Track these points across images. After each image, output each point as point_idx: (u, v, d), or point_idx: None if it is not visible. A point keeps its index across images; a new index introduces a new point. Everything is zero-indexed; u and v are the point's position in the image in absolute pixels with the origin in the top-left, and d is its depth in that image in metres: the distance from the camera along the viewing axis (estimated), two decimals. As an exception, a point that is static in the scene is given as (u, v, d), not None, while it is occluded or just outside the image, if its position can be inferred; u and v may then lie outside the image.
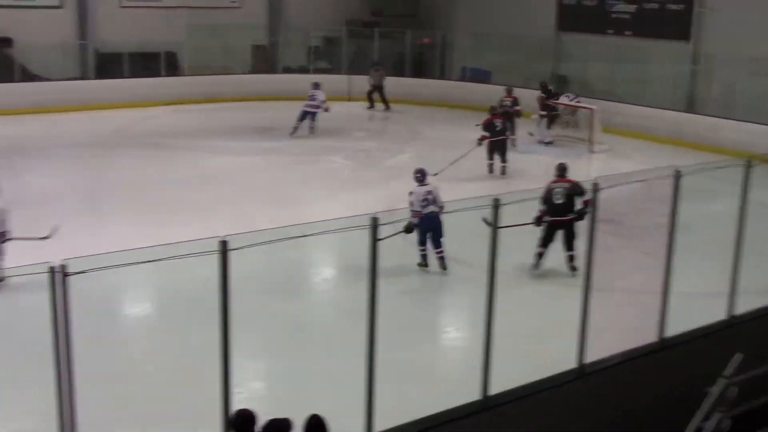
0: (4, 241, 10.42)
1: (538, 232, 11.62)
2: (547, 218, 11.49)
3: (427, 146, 20.28)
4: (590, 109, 20.51)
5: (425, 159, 18.00)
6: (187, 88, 25.07)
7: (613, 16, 24.98)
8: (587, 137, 20.42)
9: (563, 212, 11.47)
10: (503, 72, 26.69)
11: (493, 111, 17.74)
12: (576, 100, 21.87)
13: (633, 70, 23.79)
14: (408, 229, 11.17)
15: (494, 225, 6.40)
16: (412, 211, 11.41)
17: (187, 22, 26.37)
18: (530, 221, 11.42)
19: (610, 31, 24.97)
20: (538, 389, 6.93)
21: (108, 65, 24.77)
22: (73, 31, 25.38)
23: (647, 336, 7.88)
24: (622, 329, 8.81)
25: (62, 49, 24.59)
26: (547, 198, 11.57)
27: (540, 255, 11.69)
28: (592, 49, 24.89)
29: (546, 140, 20.61)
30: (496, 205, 6.39)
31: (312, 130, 21.04)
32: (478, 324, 6.62)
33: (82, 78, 24.86)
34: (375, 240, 5.86)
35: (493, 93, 25.33)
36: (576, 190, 11.44)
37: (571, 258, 11.47)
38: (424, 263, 11.53)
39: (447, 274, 11.43)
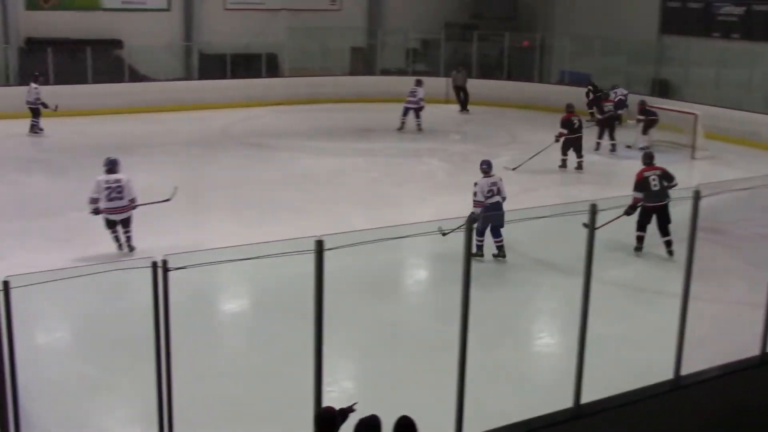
0: (133, 208, 11.77)
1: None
2: (643, 204, 11.94)
3: (523, 150, 20.08)
4: (693, 114, 19.96)
5: (520, 162, 17.92)
6: (287, 89, 25.51)
7: (720, 18, 24.26)
8: (689, 143, 19.90)
9: (660, 197, 11.91)
10: (603, 76, 26.24)
11: (569, 109, 17.70)
12: (623, 95, 21.54)
13: (739, 75, 23.07)
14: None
15: (592, 227, 6.31)
16: (476, 201, 11.66)
17: (287, 25, 26.86)
18: (623, 213, 11.64)
19: (716, 34, 24.26)
20: (632, 399, 6.79)
21: (211, 66, 25.44)
22: (179, 33, 26.19)
23: (749, 349, 7.63)
24: (722, 341, 8.57)
25: (168, 50, 25.38)
26: (643, 185, 11.98)
27: (641, 239, 12.17)
28: (696, 52, 24.22)
29: (640, 146, 20.15)
30: (594, 210, 6.30)
31: (418, 126, 21.41)
32: (572, 330, 6.54)
33: (186, 79, 25.61)
34: (468, 243, 5.85)
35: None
36: (668, 176, 12.16)
37: (668, 243, 11.85)
38: (479, 253, 11.46)
39: (539, 273, 11.32)
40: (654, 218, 11.97)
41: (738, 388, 7.43)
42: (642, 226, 12.13)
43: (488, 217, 11.43)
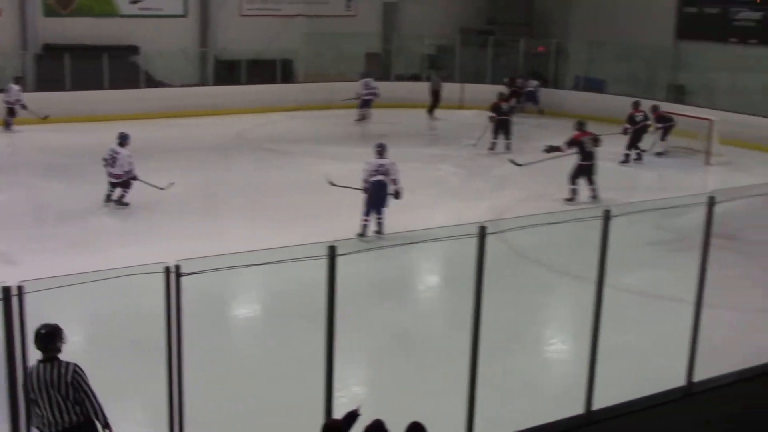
0: (133, 178, 14.09)
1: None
2: (578, 162, 15.43)
3: (536, 156, 20.06)
4: (708, 120, 19.88)
5: (532, 167, 17.85)
6: (302, 94, 25.57)
7: (737, 23, 24.15)
8: (704, 149, 19.81)
9: (592, 157, 15.44)
10: (618, 82, 26.18)
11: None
12: (534, 87, 25.03)
13: (756, 80, 22.94)
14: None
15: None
16: (363, 180, 12.91)
17: (303, 30, 26.95)
18: (544, 156, 16.16)
19: (734, 40, 24.15)
20: (644, 406, 6.78)
21: (226, 72, 25.55)
22: (194, 39, 26.31)
23: (763, 356, 7.60)
24: (736, 347, 8.54)
25: (184, 56, 25.52)
26: (578, 145, 15.41)
27: (574, 191, 15.43)
28: (712, 58, 24.11)
29: (657, 151, 20.10)
30: (607, 216, 6.30)
31: (363, 116, 23.49)
32: (584, 337, 6.53)
33: (202, 84, 25.73)
34: (482, 250, 5.86)
35: (607, 102, 24.97)
36: (597, 140, 15.52)
37: (593, 189, 15.43)
38: (362, 233, 12.61)
39: (552, 280, 11.29)
40: (585, 175, 15.23)
41: (752, 394, 7.40)
42: (574, 180, 15.38)
43: (371, 195, 12.73)
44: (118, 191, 14.19)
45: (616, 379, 7.25)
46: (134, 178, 14.16)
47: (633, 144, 19.50)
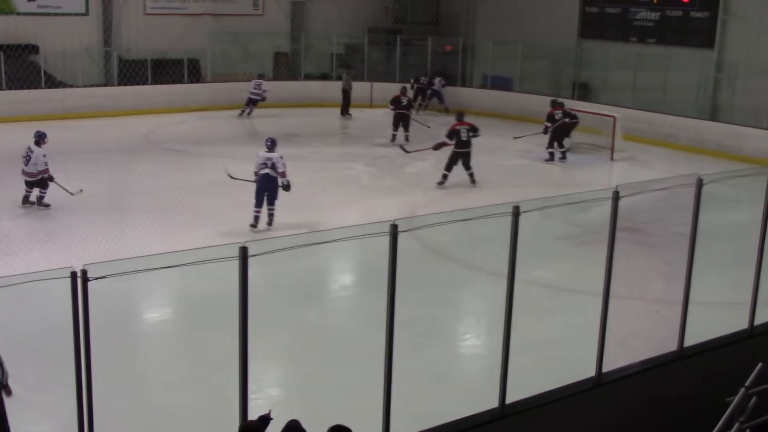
0: (49, 178, 13.92)
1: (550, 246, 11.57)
2: (454, 150, 16.61)
3: (447, 153, 20.28)
4: (612, 116, 20.42)
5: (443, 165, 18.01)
6: (209, 94, 25.26)
7: (636, 23, 24.89)
8: (608, 145, 20.34)
9: (466, 146, 16.59)
10: (525, 79, 26.68)
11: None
12: (441, 84, 25.98)
13: (656, 78, 23.70)
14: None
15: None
16: (254, 173, 13.41)
17: (209, 30, 26.58)
18: (431, 147, 17.25)
19: (633, 39, 24.89)
20: (556, 398, 6.91)
21: (131, 72, 25.00)
22: (97, 38, 25.64)
23: (667, 345, 7.83)
24: (642, 338, 8.78)
25: (86, 55, 24.84)
26: (455, 135, 16.57)
27: (446, 177, 16.64)
28: (614, 56, 24.82)
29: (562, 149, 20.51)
30: (517, 212, 6.38)
31: (246, 113, 24.29)
32: (497, 331, 6.61)
33: (105, 84, 25.11)
34: (394, 247, 5.87)
35: (514, 100, 25.44)
36: (474, 129, 16.80)
37: (471, 174, 16.70)
38: (254, 224, 13.24)
39: (465, 275, 11.41)
40: (460, 161, 16.51)
41: (658, 382, 7.62)
42: (450, 167, 16.59)
43: (259, 188, 13.22)
44: (35, 192, 14.02)
45: (529, 372, 7.37)
46: (50, 178, 14.00)
47: (555, 142, 19.80)
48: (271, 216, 13.34)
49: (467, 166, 16.65)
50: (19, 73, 22.49)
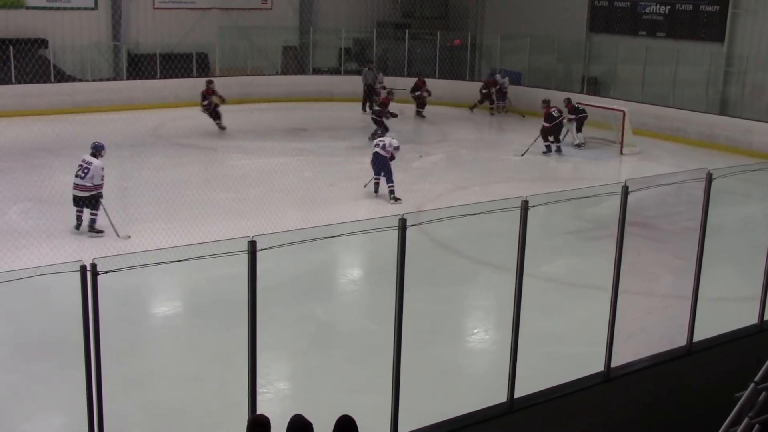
0: (100, 195, 12.59)
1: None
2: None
3: (455, 147, 20.28)
4: (621, 111, 20.36)
5: (453, 160, 18.03)
6: (218, 88, 25.20)
7: (646, 17, 24.80)
8: (618, 139, 20.30)
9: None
10: (534, 74, 26.61)
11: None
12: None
13: (665, 72, 23.60)
14: None
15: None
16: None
17: (218, 24, 26.58)
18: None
19: (643, 33, 24.79)
20: (565, 392, 6.89)
21: (140, 66, 25.04)
22: (106, 32, 25.69)
23: (677, 340, 7.81)
24: (651, 333, 8.75)
25: (96, 50, 24.89)
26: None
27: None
28: (624, 50, 24.73)
29: (576, 143, 20.51)
30: (525, 207, 6.37)
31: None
32: (505, 326, 6.61)
33: (115, 79, 25.15)
34: (403, 242, 5.86)
35: (523, 94, 25.36)
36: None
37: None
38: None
39: (473, 271, 11.41)
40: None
41: (667, 378, 7.60)
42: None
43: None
44: (87, 214, 12.70)
45: (538, 367, 7.36)
46: (101, 195, 12.71)
47: (551, 136, 19.81)
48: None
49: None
50: (29, 67, 22.54)
